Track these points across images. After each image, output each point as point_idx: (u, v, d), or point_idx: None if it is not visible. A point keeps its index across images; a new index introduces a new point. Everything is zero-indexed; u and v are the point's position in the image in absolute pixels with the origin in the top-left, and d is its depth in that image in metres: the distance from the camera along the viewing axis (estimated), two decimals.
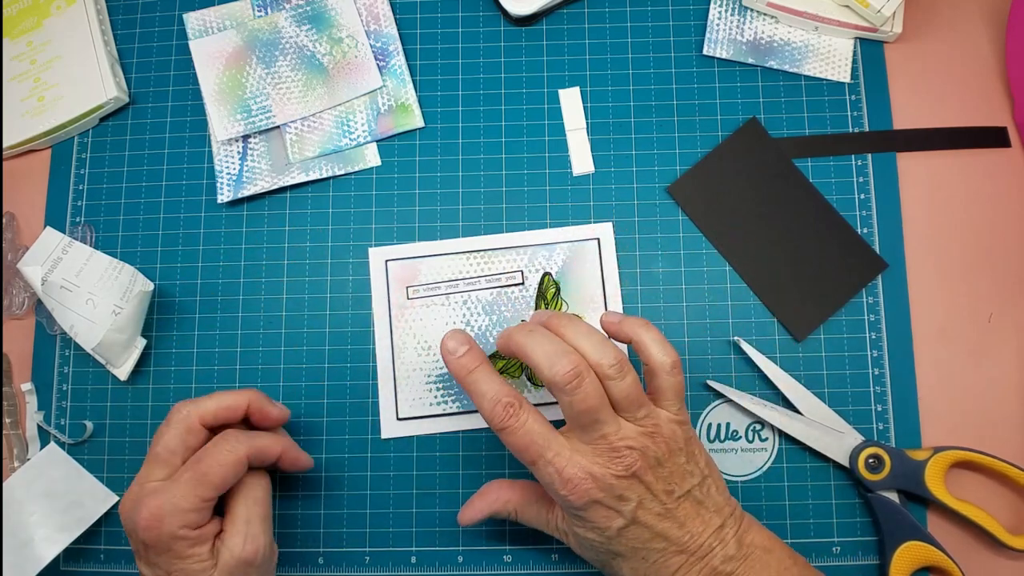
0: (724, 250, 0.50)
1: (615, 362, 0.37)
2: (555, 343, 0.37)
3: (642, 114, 0.52)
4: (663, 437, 0.37)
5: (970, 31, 0.53)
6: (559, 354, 0.36)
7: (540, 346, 0.37)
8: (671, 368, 0.38)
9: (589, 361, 0.37)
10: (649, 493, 0.37)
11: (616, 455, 0.36)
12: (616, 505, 0.37)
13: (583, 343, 0.37)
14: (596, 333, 0.38)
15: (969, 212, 0.50)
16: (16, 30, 0.54)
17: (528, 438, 0.37)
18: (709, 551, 0.37)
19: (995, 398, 0.48)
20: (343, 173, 0.52)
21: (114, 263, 0.48)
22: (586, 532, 0.38)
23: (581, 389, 0.36)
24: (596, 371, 0.37)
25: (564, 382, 0.36)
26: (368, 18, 0.53)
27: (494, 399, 0.37)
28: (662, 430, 0.37)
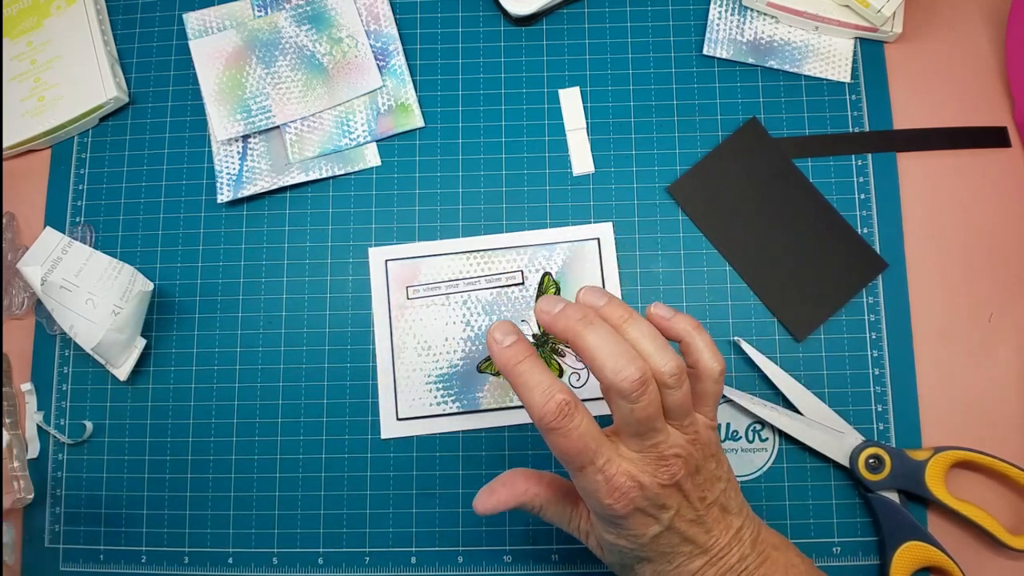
0: (724, 250, 0.50)
1: (676, 371, 0.34)
2: (620, 344, 0.34)
3: (642, 114, 0.52)
4: (702, 443, 0.36)
5: (970, 31, 0.53)
6: (626, 358, 0.33)
7: (605, 344, 0.34)
8: (718, 376, 0.37)
9: (651, 367, 0.34)
10: (686, 501, 0.36)
11: (664, 463, 0.35)
12: (656, 513, 0.36)
13: (646, 346, 0.35)
14: (658, 336, 0.35)
15: (969, 212, 0.50)
16: (16, 30, 0.54)
17: (581, 442, 0.34)
18: (728, 551, 0.37)
19: (995, 398, 0.48)
20: (343, 173, 0.52)
21: (114, 263, 0.48)
22: (617, 539, 0.37)
23: (645, 397, 0.33)
24: (656, 378, 0.34)
25: (631, 390, 0.33)
26: (368, 18, 0.53)
27: (547, 394, 0.34)
28: (701, 436, 0.36)
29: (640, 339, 0.35)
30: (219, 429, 0.49)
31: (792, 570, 0.38)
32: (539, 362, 0.35)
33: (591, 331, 0.34)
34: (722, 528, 0.37)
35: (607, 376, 0.33)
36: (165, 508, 0.49)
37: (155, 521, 0.49)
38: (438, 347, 0.49)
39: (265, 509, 0.48)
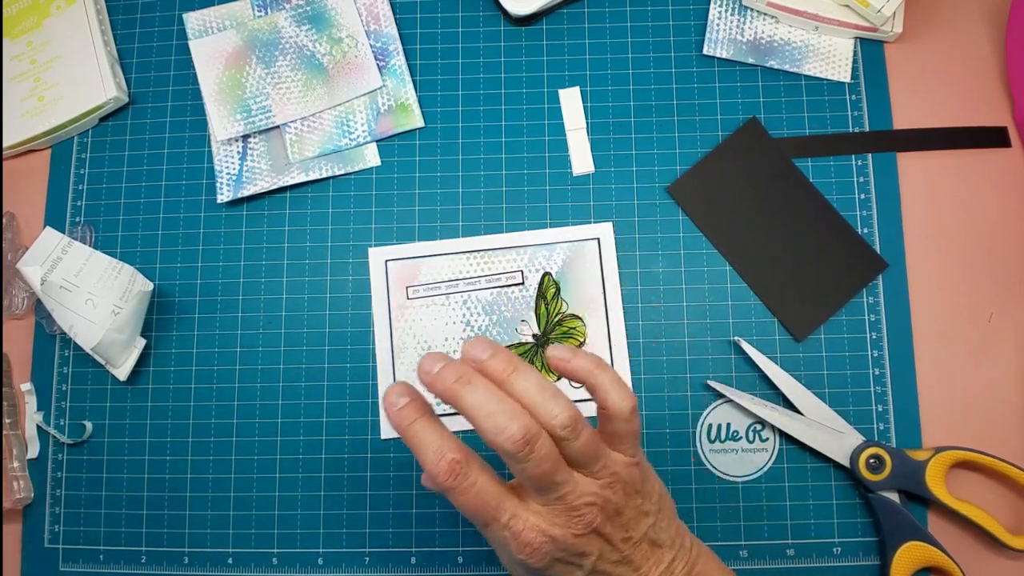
0: (724, 250, 0.50)
1: (568, 422, 0.32)
2: (502, 401, 0.32)
3: (642, 114, 0.52)
4: (621, 484, 0.35)
5: (970, 31, 0.53)
6: (507, 416, 0.31)
7: (485, 404, 0.32)
8: (630, 414, 0.34)
9: (540, 421, 0.32)
10: (608, 544, 0.35)
11: (576, 514, 0.33)
12: (576, 560, 0.34)
13: (533, 399, 0.32)
14: (547, 386, 0.33)
15: (969, 212, 0.50)
16: (16, 30, 0.54)
17: (479, 500, 0.33)
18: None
19: (995, 398, 0.48)
20: (343, 173, 0.52)
21: (114, 263, 0.48)
22: None
23: (534, 455, 0.31)
24: (548, 432, 0.32)
25: (515, 451, 0.31)
26: (368, 18, 0.53)
27: (438, 453, 0.32)
28: (621, 476, 0.35)
29: (526, 392, 0.33)
30: (219, 429, 0.49)
31: None
32: (431, 422, 0.34)
33: (469, 391, 0.32)
34: (652, 563, 0.36)
35: (488, 438, 0.32)
36: (165, 508, 0.49)
37: (155, 521, 0.48)
38: (438, 347, 0.49)
39: (265, 509, 0.48)
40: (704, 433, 0.48)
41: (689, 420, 0.48)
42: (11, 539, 0.49)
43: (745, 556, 0.47)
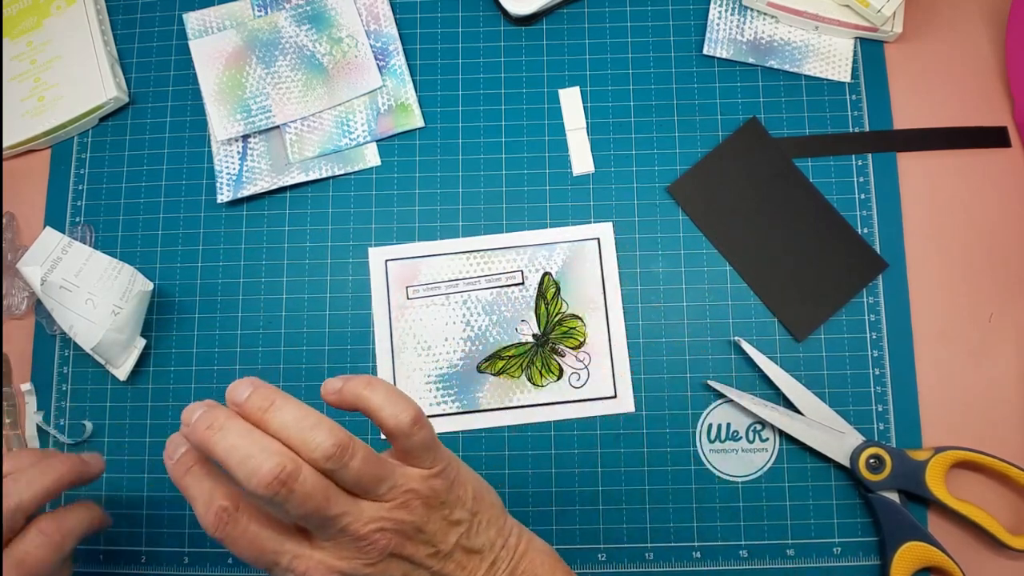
0: (724, 250, 0.50)
1: (332, 450, 0.30)
2: (254, 443, 0.30)
3: (642, 114, 0.52)
4: (420, 500, 0.33)
5: (970, 31, 0.53)
6: (261, 456, 0.29)
7: (237, 448, 0.29)
8: (411, 426, 0.32)
9: (301, 455, 0.30)
10: (412, 564, 0.33)
11: (364, 543, 0.31)
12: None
13: (290, 434, 0.30)
14: (307, 415, 0.31)
15: (969, 212, 0.50)
16: (16, 30, 0.54)
17: (255, 546, 0.31)
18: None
19: (995, 398, 0.48)
20: (343, 173, 0.52)
21: (113, 263, 0.48)
22: None
23: (294, 494, 0.29)
24: (312, 464, 0.30)
25: (268, 493, 0.29)
26: (368, 18, 0.53)
27: (207, 504, 0.30)
28: (418, 492, 0.33)
29: (283, 427, 0.31)
30: None
31: None
32: (203, 470, 0.32)
33: (220, 437, 0.30)
34: (470, 571, 0.34)
35: (243, 485, 0.29)
36: (165, 508, 0.49)
37: (155, 521, 0.48)
38: (438, 347, 0.49)
39: None
40: (704, 433, 0.48)
41: (689, 420, 0.48)
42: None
43: (745, 556, 0.47)
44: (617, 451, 0.48)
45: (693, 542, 0.47)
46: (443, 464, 0.34)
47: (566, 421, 0.48)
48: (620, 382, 0.48)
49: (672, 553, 0.47)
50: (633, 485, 0.47)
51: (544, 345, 0.49)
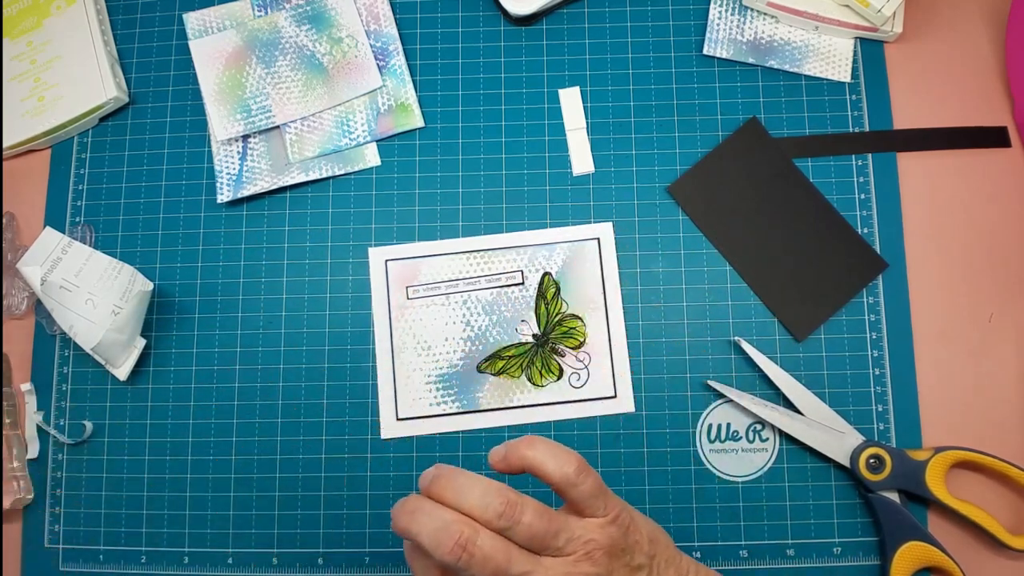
0: (724, 250, 0.50)
1: (501, 509, 0.31)
2: (435, 517, 0.31)
3: (642, 114, 0.52)
4: (602, 550, 0.33)
5: (970, 31, 0.53)
6: (440, 530, 0.31)
7: (424, 527, 0.31)
8: (576, 475, 0.33)
9: (477, 519, 0.31)
10: None
11: None
12: None
13: (465, 500, 0.32)
14: (477, 483, 0.32)
15: (969, 212, 0.50)
16: (16, 30, 0.54)
17: None
18: None
19: (995, 398, 0.48)
20: (343, 173, 0.52)
21: (114, 263, 0.48)
22: None
23: (474, 557, 0.31)
24: (489, 527, 0.31)
25: (453, 560, 0.30)
26: (368, 18, 0.53)
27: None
28: (599, 542, 0.33)
29: (457, 497, 0.32)
30: (219, 429, 0.49)
31: None
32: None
33: (414, 521, 0.31)
34: None
35: (434, 556, 0.31)
36: (165, 508, 0.49)
37: (155, 521, 0.48)
38: (438, 347, 0.49)
39: (265, 509, 0.48)
40: (704, 433, 0.48)
41: (689, 420, 0.48)
42: (11, 539, 0.49)
43: (745, 556, 0.47)
44: (617, 451, 0.48)
45: (693, 542, 0.47)
46: (616, 510, 0.34)
47: (566, 421, 0.48)
48: (620, 382, 0.48)
49: None
50: (633, 485, 0.47)
51: (544, 345, 0.49)
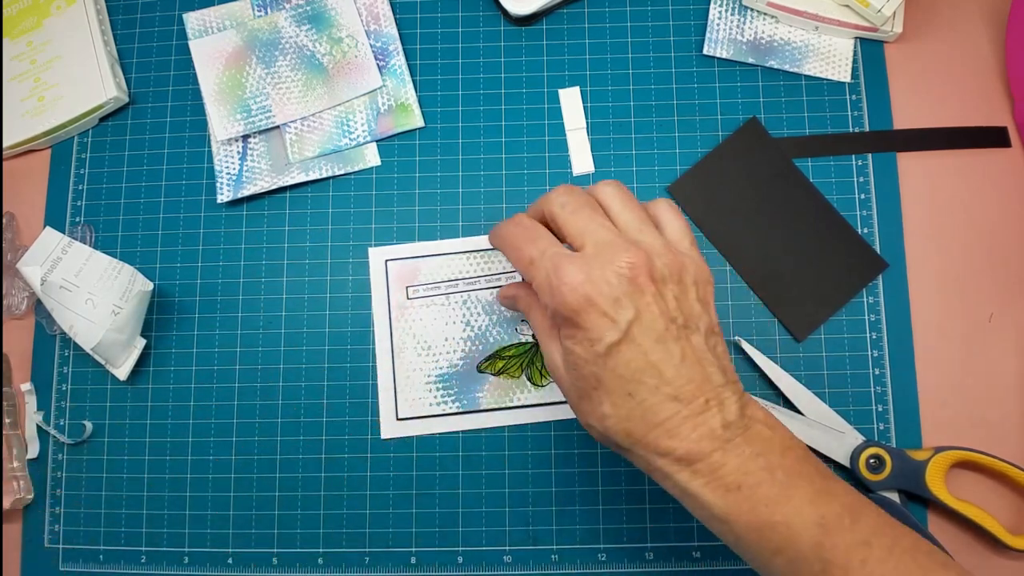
0: (724, 250, 0.50)
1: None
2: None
3: (642, 114, 0.52)
4: (673, 256, 0.35)
5: (970, 31, 0.53)
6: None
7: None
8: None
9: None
10: (650, 308, 0.33)
11: (622, 251, 0.33)
12: (613, 311, 0.33)
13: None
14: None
15: (970, 212, 0.50)
16: (16, 30, 0.54)
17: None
18: (706, 408, 0.33)
19: (996, 398, 0.48)
20: (343, 173, 0.52)
21: (113, 263, 0.48)
22: (574, 345, 0.34)
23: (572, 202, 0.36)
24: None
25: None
26: (368, 18, 0.53)
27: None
28: (673, 247, 0.36)
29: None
30: (219, 429, 0.49)
31: (788, 453, 0.33)
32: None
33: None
34: (697, 371, 0.33)
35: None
36: (165, 508, 0.49)
37: (155, 521, 0.48)
38: (438, 347, 0.49)
39: (265, 509, 0.48)
40: None
41: None
42: (11, 539, 0.49)
43: None
44: None
45: (693, 542, 0.47)
46: (700, 262, 0.38)
47: (566, 421, 0.48)
48: None
49: (672, 553, 0.47)
50: (633, 485, 0.47)
51: None
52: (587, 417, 0.35)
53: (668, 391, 0.33)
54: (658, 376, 0.33)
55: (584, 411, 0.35)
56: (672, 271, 0.34)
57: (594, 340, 0.33)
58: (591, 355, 0.33)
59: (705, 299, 0.35)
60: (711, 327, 0.35)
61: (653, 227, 0.36)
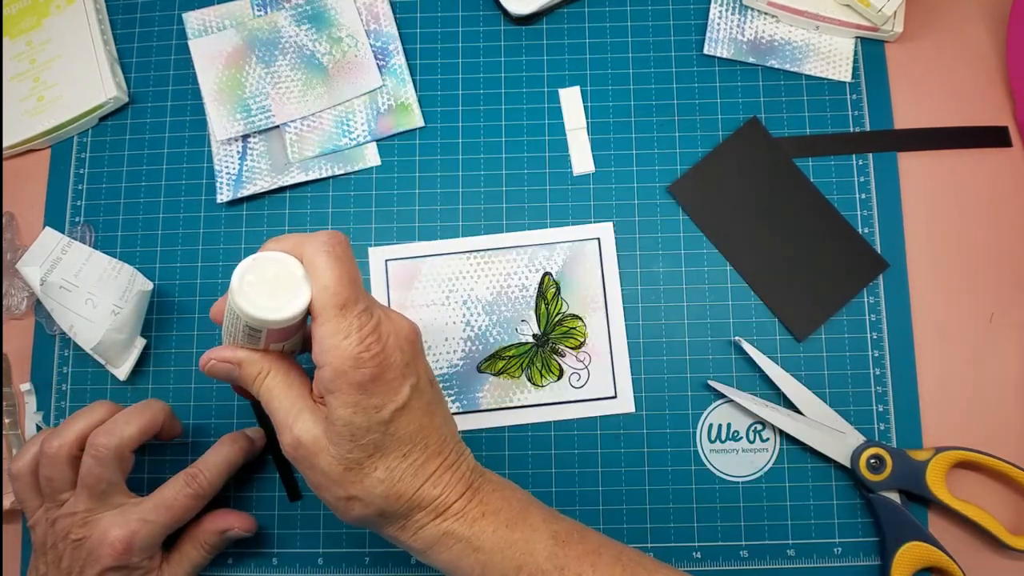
0: (725, 250, 0.50)
1: None
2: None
3: (642, 113, 0.52)
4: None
5: (971, 30, 0.53)
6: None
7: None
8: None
9: None
10: (425, 371, 0.37)
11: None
12: (402, 376, 0.35)
13: None
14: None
15: (970, 212, 0.50)
16: (16, 29, 0.54)
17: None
18: (460, 457, 0.37)
19: (996, 398, 0.48)
20: (343, 173, 0.52)
21: (113, 263, 0.48)
22: (353, 415, 0.34)
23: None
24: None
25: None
26: (368, 17, 0.53)
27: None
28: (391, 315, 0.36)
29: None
30: (219, 429, 0.49)
31: (517, 489, 0.39)
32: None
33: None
34: (451, 426, 0.38)
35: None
36: None
37: None
38: (438, 347, 0.49)
39: (265, 509, 0.48)
40: (704, 433, 0.48)
41: (689, 420, 0.48)
42: (11, 539, 0.49)
43: (745, 556, 0.47)
44: (617, 451, 0.48)
45: (693, 542, 0.47)
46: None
47: (566, 421, 0.48)
48: (620, 382, 0.48)
49: (673, 553, 0.47)
50: (633, 485, 0.47)
51: (544, 345, 0.49)
52: (350, 489, 0.35)
53: (434, 448, 0.36)
54: (425, 436, 0.36)
55: (348, 483, 0.35)
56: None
57: (381, 406, 0.34)
58: (373, 422, 0.34)
59: (419, 351, 0.37)
60: (433, 378, 0.38)
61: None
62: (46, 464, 0.41)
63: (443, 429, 0.37)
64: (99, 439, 0.40)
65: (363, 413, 0.34)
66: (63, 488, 0.41)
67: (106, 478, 0.40)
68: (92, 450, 0.40)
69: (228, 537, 0.44)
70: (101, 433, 0.41)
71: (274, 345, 0.37)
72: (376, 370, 0.34)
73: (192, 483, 0.42)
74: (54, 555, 0.40)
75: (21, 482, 0.42)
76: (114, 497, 0.41)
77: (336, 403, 0.34)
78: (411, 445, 0.35)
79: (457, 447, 0.37)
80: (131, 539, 0.40)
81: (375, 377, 0.34)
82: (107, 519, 0.40)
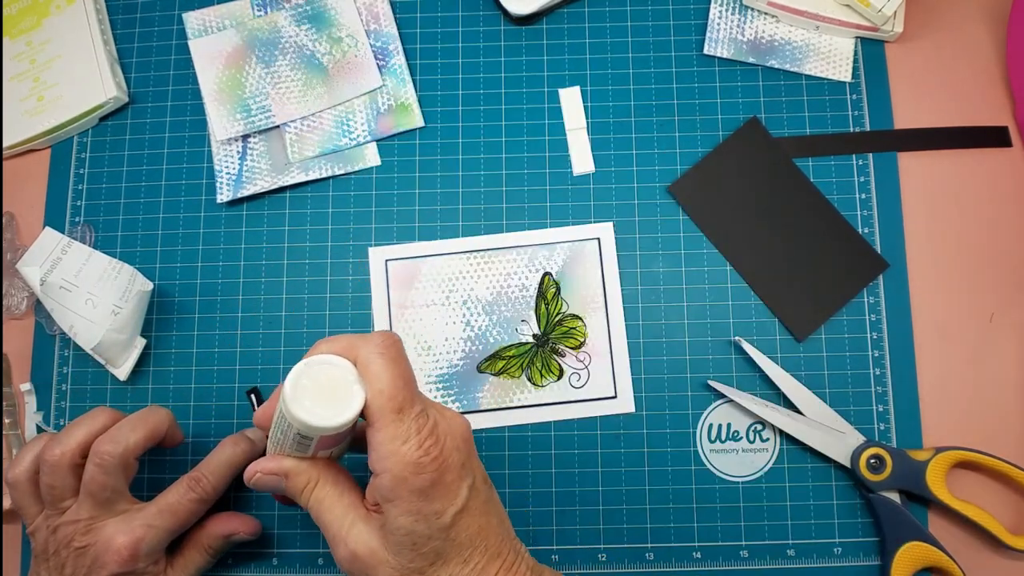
0: (725, 250, 0.50)
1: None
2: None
3: (642, 113, 0.52)
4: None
5: (971, 30, 0.53)
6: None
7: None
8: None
9: None
10: (479, 469, 0.36)
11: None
12: (462, 477, 0.34)
13: None
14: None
15: (970, 212, 0.50)
16: (16, 29, 0.54)
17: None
18: (518, 556, 0.36)
19: (996, 398, 0.48)
20: (343, 173, 0.52)
21: (113, 263, 0.48)
22: (415, 523, 0.33)
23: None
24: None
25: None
26: (368, 17, 0.53)
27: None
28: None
29: None
30: (219, 429, 0.49)
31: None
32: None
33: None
34: (507, 522, 0.37)
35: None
36: None
37: None
38: (438, 347, 0.49)
39: (265, 510, 0.48)
40: (704, 433, 0.48)
41: (689, 420, 0.48)
42: (11, 539, 0.49)
43: (745, 556, 0.47)
44: (617, 451, 0.48)
45: (693, 542, 0.47)
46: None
47: (566, 421, 0.48)
48: (620, 382, 0.48)
49: (672, 553, 0.47)
50: (633, 485, 0.47)
51: (544, 345, 0.49)
52: None
53: (493, 551, 0.35)
54: (485, 539, 0.35)
55: None
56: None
57: (441, 511, 0.33)
58: (433, 529, 0.33)
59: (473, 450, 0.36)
60: (486, 477, 0.37)
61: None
62: (48, 472, 0.40)
63: (500, 528, 0.36)
64: (104, 447, 0.40)
65: (424, 520, 0.33)
66: (65, 496, 0.41)
67: (110, 486, 0.40)
68: (96, 458, 0.40)
69: (232, 541, 0.44)
70: (105, 440, 0.40)
71: (323, 452, 0.36)
72: (436, 474, 0.32)
73: (196, 487, 0.42)
74: (56, 562, 0.40)
75: (19, 490, 0.42)
76: (118, 504, 0.41)
77: (396, 511, 0.33)
78: (471, 549, 0.34)
79: (514, 546, 0.36)
80: (136, 545, 0.40)
81: (435, 482, 0.33)
82: (111, 526, 0.40)
